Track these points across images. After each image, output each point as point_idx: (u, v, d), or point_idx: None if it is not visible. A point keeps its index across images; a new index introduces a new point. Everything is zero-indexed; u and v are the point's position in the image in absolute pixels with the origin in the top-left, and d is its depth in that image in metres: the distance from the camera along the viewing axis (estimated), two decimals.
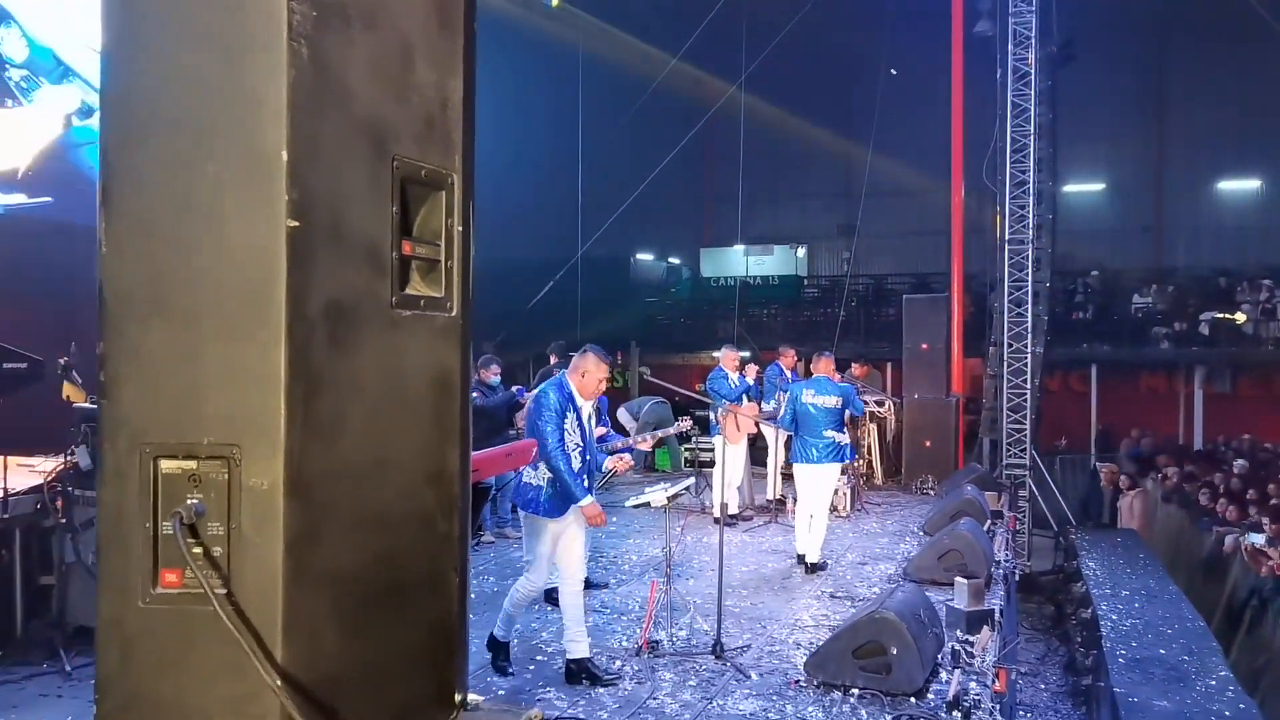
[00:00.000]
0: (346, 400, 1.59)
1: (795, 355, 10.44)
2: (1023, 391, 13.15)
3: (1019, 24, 13.13)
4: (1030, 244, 13.19)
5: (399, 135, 1.70)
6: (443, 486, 1.82)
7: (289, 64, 1.48)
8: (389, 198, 1.68)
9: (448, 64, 1.82)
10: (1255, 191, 22.46)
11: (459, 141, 1.85)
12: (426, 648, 1.78)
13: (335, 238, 1.57)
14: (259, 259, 1.48)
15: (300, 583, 1.50)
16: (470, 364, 1.96)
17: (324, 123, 1.54)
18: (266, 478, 1.47)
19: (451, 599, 1.85)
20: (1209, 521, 10.92)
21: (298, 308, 1.49)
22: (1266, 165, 21.92)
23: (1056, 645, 10.62)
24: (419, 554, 1.77)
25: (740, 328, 20.39)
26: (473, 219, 1.95)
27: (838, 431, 7.84)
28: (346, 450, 1.59)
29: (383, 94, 1.67)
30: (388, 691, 1.69)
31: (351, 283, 1.60)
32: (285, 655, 1.47)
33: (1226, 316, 18.29)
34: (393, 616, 1.70)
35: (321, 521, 1.54)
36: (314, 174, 1.52)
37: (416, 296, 1.76)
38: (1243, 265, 20.06)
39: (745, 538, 9.22)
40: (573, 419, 5.18)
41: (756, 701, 5.17)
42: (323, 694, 1.53)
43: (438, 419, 1.81)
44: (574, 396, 5.21)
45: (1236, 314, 18.28)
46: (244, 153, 1.49)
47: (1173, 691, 6.65)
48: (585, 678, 5.33)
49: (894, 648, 5.18)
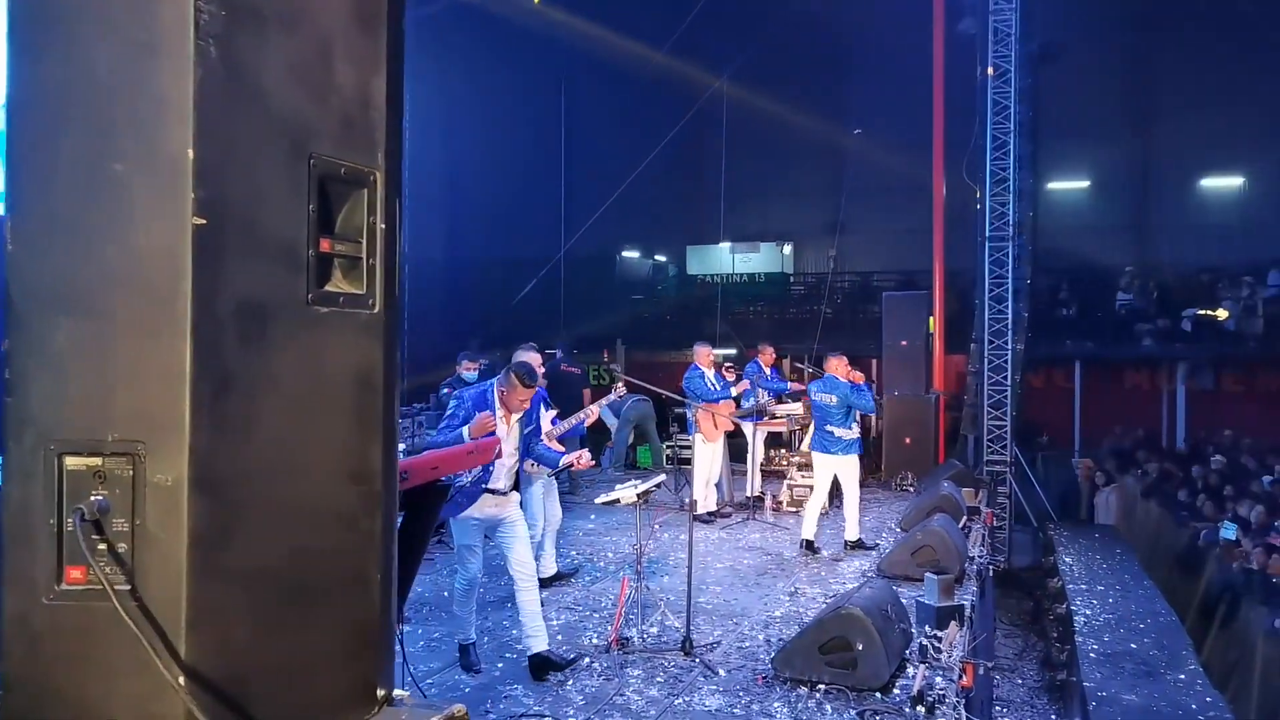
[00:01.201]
0: (259, 397, 1.59)
1: (774, 353, 10.46)
2: (1003, 388, 13.19)
3: (999, 22, 13.16)
4: (1011, 241, 13.23)
5: (317, 134, 1.71)
6: (365, 484, 1.83)
7: (196, 64, 1.49)
8: (305, 196, 1.69)
9: (369, 64, 1.83)
10: (1238, 189, 22.59)
11: (382, 140, 1.86)
12: (347, 645, 1.79)
13: (247, 236, 1.58)
14: (165, 257, 1.49)
15: (208, 579, 1.51)
16: (397, 361, 1.97)
17: (235, 122, 1.55)
18: (171, 474, 1.48)
19: (374, 597, 1.86)
20: (1186, 516, 10.97)
21: (205, 305, 1.50)
22: (1249, 163, 22.04)
23: (1035, 641, 10.67)
24: (340, 552, 1.78)
25: (726, 325, 20.42)
26: (400, 216, 1.96)
27: (839, 426, 8.29)
28: (260, 447, 1.60)
29: (300, 94, 1.68)
30: (304, 687, 1.69)
31: (265, 280, 1.61)
32: (190, 651, 1.48)
33: (1208, 313, 18.38)
34: (310, 613, 1.71)
35: (232, 518, 1.55)
36: (223, 173, 1.53)
37: (336, 293, 1.77)
38: (1226, 262, 20.16)
39: (723, 534, 9.24)
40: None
41: (722, 698, 5.19)
42: (232, 690, 1.54)
43: (360, 417, 1.82)
44: (493, 408, 5.28)
45: (1218, 310, 18.37)
46: (150, 152, 1.50)
47: (1142, 685, 6.70)
48: (549, 670, 5.39)
49: (860, 643, 5.20)
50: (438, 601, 6.97)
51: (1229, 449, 14.11)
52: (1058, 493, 15.29)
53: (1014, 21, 13.28)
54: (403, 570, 3.91)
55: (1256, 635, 7.83)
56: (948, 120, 14.66)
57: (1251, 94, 20.54)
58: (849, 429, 8.36)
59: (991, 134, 13.19)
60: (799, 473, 10.29)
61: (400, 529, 3.95)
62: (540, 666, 5.40)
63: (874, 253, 24.66)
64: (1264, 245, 20.42)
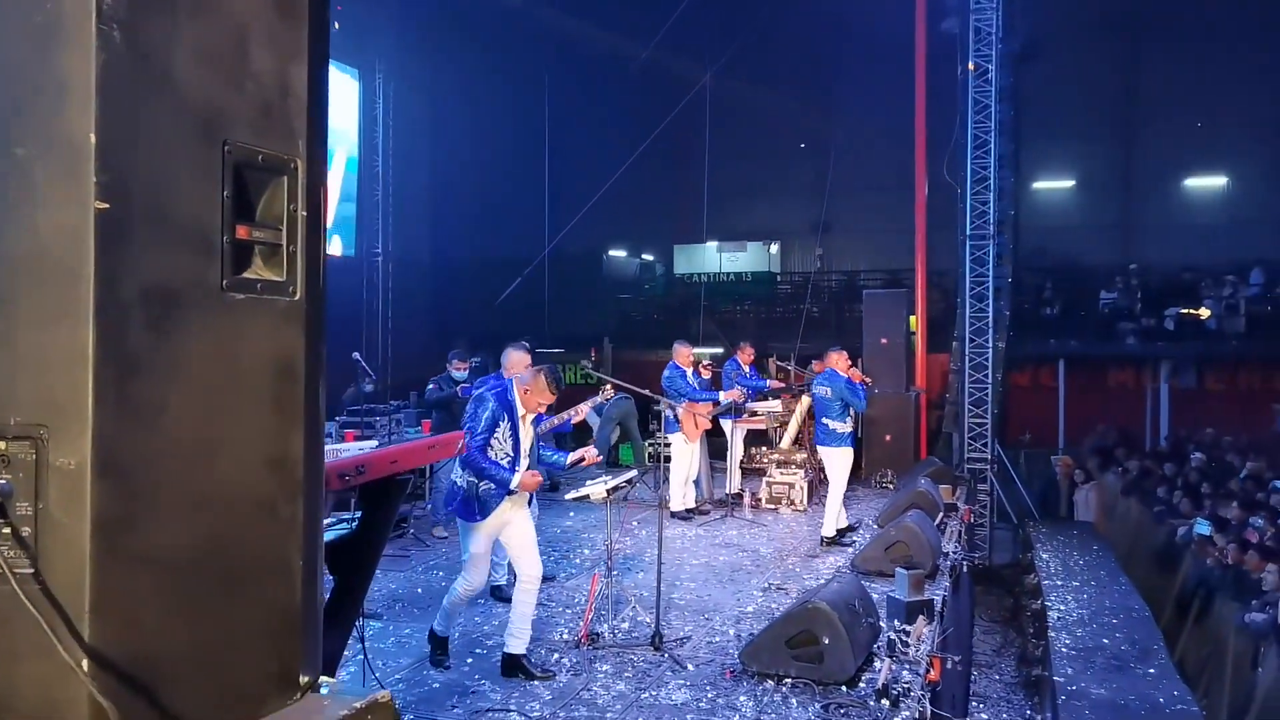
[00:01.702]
0: (168, 382, 1.59)
1: (753, 351, 10.49)
2: (984, 385, 13.24)
3: (980, 21, 13.21)
4: (992, 240, 13.28)
5: (232, 121, 1.71)
6: (285, 472, 1.83)
7: (99, 48, 1.49)
8: (219, 182, 1.69)
9: (289, 52, 1.83)
10: (1221, 189, 22.71)
11: (303, 128, 1.86)
12: (266, 630, 1.79)
13: (155, 221, 1.58)
14: (68, 241, 1.49)
15: (113, 563, 1.51)
16: (322, 349, 1.97)
17: (141, 107, 1.55)
18: (74, 458, 1.48)
19: (295, 583, 1.86)
20: (1164, 514, 11.03)
21: (109, 290, 1.50)
22: (1233, 163, 22.16)
23: (1013, 637, 10.72)
24: (257, 538, 1.78)
25: (712, 324, 20.45)
26: (324, 204, 1.96)
27: (833, 419, 8.56)
28: (169, 432, 1.60)
29: (213, 80, 1.68)
30: (220, 673, 1.70)
31: (174, 266, 1.61)
32: (94, 635, 1.48)
33: (1190, 312, 18.48)
34: (226, 599, 1.71)
35: (138, 503, 1.55)
36: (129, 158, 1.53)
37: (254, 280, 1.77)
38: (1209, 262, 20.27)
39: (700, 531, 9.26)
40: (505, 428, 5.25)
41: (689, 692, 5.21)
42: (140, 674, 1.54)
43: (279, 403, 1.81)
44: (514, 407, 5.28)
45: (1200, 309, 18.47)
46: (52, 136, 1.49)
47: (1112, 679, 6.73)
48: (520, 674, 5.36)
49: (826, 637, 5.22)
50: (411, 598, 6.98)
51: (1209, 447, 14.18)
52: (1039, 490, 15.36)
53: (995, 21, 13.33)
54: (363, 564, 3.93)
55: (1228, 630, 7.88)
56: (930, 120, 14.70)
57: (1235, 94, 20.65)
58: (843, 422, 8.56)
59: (972, 133, 13.23)
60: (778, 470, 10.32)
61: (359, 523, 3.96)
62: (512, 667, 5.38)
63: (860, 252, 24.75)
64: (1246, 245, 20.55)
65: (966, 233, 13.37)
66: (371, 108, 17.50)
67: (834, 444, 8.57)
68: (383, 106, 17.58)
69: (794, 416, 11.03)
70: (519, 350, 6.90)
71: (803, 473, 10.24)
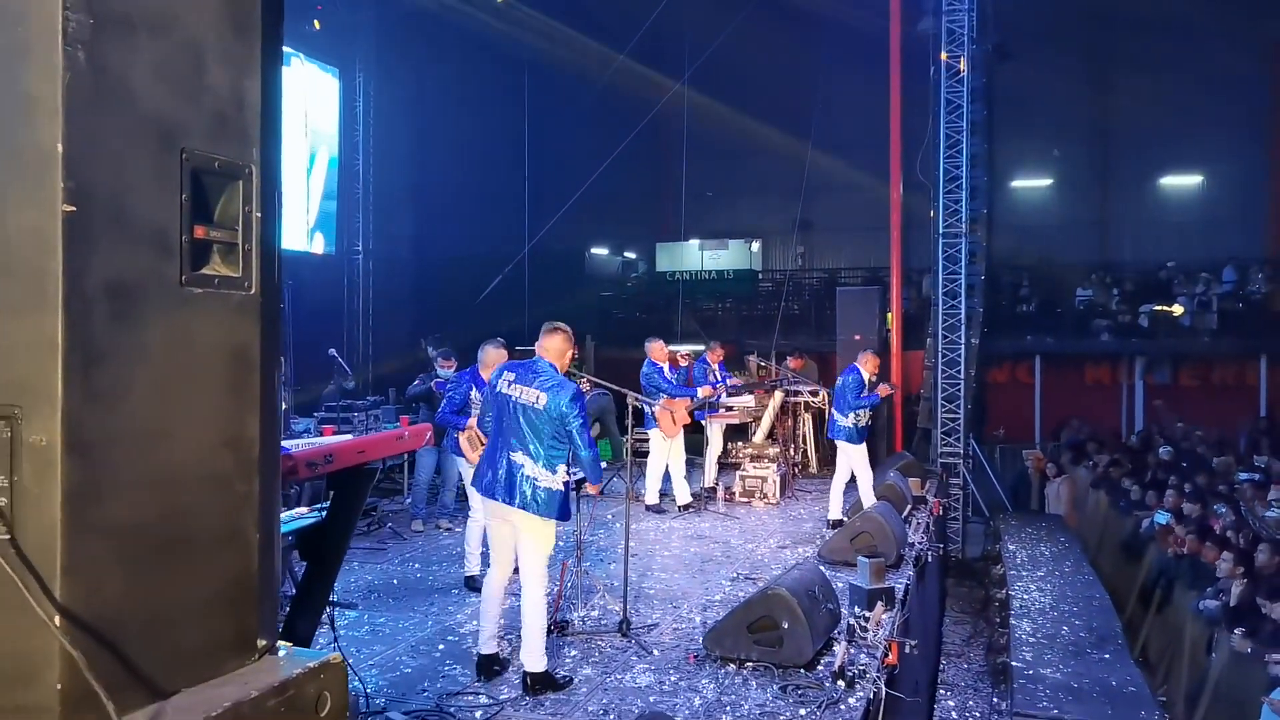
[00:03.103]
0: (130, 368, 1.76)
1: (723, 351, 10.68)
2: (957, 381, 13.46)
3: (952, 21, 13.43)
4: (964, 238, 13.50)
5: (188, 131, 1.88)
6: (241, 451, 2.00)
7: (65, 67, 1.65)
8: (177, 187, 1.85)
9: (243, 66, 2.00)
10: (1196, 187, 23.01)
11: (256, 136, 2.02)
12: (222, 596, 1.96)
13: (116, 223, 1.74)
14: (37, 241, 1.65)
15: (81, 531, 1.68)
16: (277, 339, 2.14)
17: (103, 119, 1.72)
18: (45, 435, 1.64)
19: (251, 554, 2.03)
20: (1129, 506, 11.27)
21: (75, 284, 1.66)
22: (1208, 161, 22.46)
23: (982, 627, 10.94)
24: (213, 511, 1.95)
25: (694, 321, 20.62)
26: (278, 206, 2.13)
27: (839, 412, 9.20)
28: (130, 414, 1.76)
29: (170, 93, 1.84)
30: (177, 634, 1.86)
31: (135, 263, 1.77)
32: (65, 595, 1.65)
33: (1164, 309, 18.76)
34: (183, 567, 1.88)
35: (103, 477, 1.71)
36: (92, 165, 1.70)
37: (212, 276, 1.94)
38: (1184, 259, 20.57)
39: (674, 524, 9.44)
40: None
41: (653, 675, 5.38)
42: (105, 631, 1.71)
43: (235, 388, 1.98)
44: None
45: (1174, 306, 18.75)
46: (21, 146, 1.66)
47: (1068, 663, 6.94)
48: (550, 689, 5.06)
49: (785, 622, 5.40)
50: (386, 589, 7.14)
51: (1179, 440, 14.44)
52: (1011, 485, 15.60)
53: (967, 21, 13.55)
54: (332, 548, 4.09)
55: (1186, 618, 8.11)
56: (906, 119, 14.91)
57: (1209, 94, 20.93)
58: (845, 416, 9.07)
59: (944, 132, 13.45)
60: (751, 464, 10.50)
61: (328, 510, 4.11)
62: (540, 684, 5.09)
63: (840, 250, 24.98)
64: (1219, 242, 20.86)
65: (939, 231, 13.59)
66: (352, 106, 17.62)
67: (843, 438, 9.16)
68: (363, 105, 17.71)
69: (767, 411, 11.22)
70: (496, 347, 7.07)
71: (775, 467, 10.43)
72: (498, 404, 5.13)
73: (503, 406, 5.08)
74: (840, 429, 9.14)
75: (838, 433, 9.19)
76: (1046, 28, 20.52)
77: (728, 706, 4.94)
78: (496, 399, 5.15)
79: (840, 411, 9.13)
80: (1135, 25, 21.87)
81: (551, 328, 5.22)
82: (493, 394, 5.24)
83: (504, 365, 5.40)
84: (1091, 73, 23.02)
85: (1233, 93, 20.12)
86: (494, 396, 5.20)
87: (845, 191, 23.14)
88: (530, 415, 4.97)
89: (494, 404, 5.19)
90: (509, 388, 5.08)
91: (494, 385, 5.24)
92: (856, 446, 9.11)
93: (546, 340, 5.20)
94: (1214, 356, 19.04)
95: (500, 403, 5.10)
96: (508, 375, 5.16)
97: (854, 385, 9.01)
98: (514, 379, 5.10)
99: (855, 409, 9.00)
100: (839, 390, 9.18)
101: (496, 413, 5.13)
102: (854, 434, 9.07)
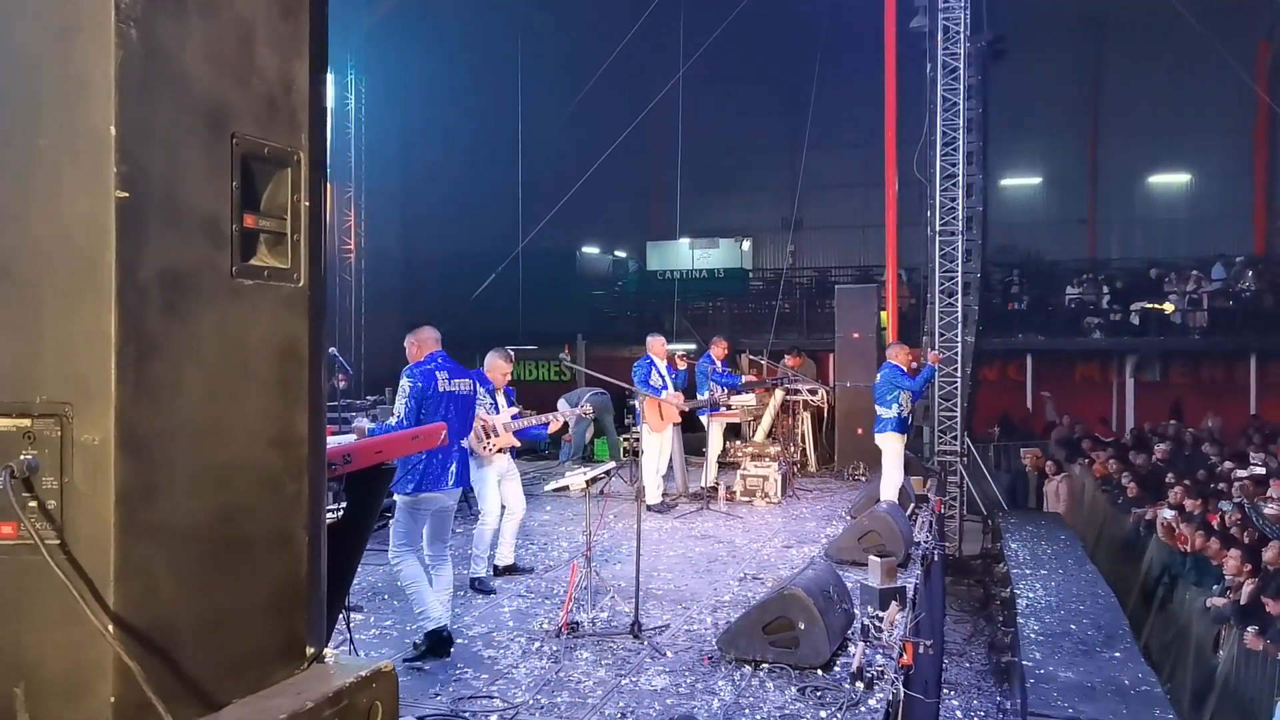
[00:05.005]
0: (182, 363, 1.68)
1: (726, 347, 10.61)
2: (954, 380, 13.45)
3: (948, 19, 13.41)
4: (961, 235, 13.49)
5: (239, 115, 1.79)
6: (291, 449, 1.92)
7: (117, 46, 1.57)
8: (228, 173, 1.77)
9: (291, 48, 1.91)
10: (1185, 185, 23.14)
11: (304, 121, 1.94)
12: (273, 601, 1.88)
13: (169, 210, 1.66)
14: (90, 229, 1.57)
15: (134, 534, 1.59)
16: (323, 335, 2.05)
17: (155, 102, 1.63)
18: (98, 434, 1.56)
19: (301, 556, 1.95)
20: (1128, 503, 11.27)
21: (128, 275, 1.58)
22: (1196, 160, 22.59)
23: (983, 626, 10.92)
24: (264, 512, 1.86)
25: (685, 320, 20.57)
26: (326, 195, 2.05)
27: (880, 405, 9.17)
28: (183, 410, 1.68)
29: (220, 76, 1.76)
30: (229, 640, 1.78)
31: (187, 252, 1.69)
32: (118, 602, 1.56)
33: (1155, 306, 18.84)
34: (235, 570, 1.79)
35: (156, 477, 1.63)
36: (145, 149, 1.61)
37: (261, 267, 1.86)
38: (1173, 257, 20.69)
39: (677, 524, 9.37)
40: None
41: (669, 677, 5.31)
42: (158, 639, 1.63)
43: (284, 385, 1.90)
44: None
45: (1165, 304, 18.83)
46: (74, 129, 1.57)
47: (1079, 663, 6.91)
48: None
49: (801, 623, 5.34)
50: (391, 591, 7.02)
51: (1172, 437, 14.48)
52: (1007, 483, 15.61)
53: (963, 19, 13.53)
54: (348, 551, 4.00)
55: (1191, 615, 8.10)
56: (901, 117, 14.89)
57: (1198, 93, 21.05)
58: (888, 408, 9.04)
59: (941, 130, 13.43)
60: (752, 463, 10.44)
61: (345, 511, 4.04)
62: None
63: (832, 248, 25.01)
64: (1209, 240, 20.98)
65: (935, 229, 13.57)
66: (343, 104, 17.49)
67: (880, 430, 9.13)
68: (355, 103, 17.57)
69: (767, 410, 11.17)
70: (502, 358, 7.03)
71: (776, 466, 10.37)
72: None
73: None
74: (885, 421, 9.08)
75: (884, 426, 9.10)
76: (1037, 26, 20.57)
77: (747, 709, 4.87)
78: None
79: (884, 405, 9.08)
80: (1125, 25, 21.99)
81: None
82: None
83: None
84: (1082, 71, 23.13)
85: (1221, 92, 20.23)
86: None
87: (836, 190, 23.17)
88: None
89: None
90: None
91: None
92: (900, 439, 9.10)
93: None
94: (1203, 354, 19.16)
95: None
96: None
97: (897, 372, 9.01)
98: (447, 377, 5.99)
99: (907, 389, 8.99)
100: (879, 386, 9.16)
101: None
102: (899, 424, 9.07)
